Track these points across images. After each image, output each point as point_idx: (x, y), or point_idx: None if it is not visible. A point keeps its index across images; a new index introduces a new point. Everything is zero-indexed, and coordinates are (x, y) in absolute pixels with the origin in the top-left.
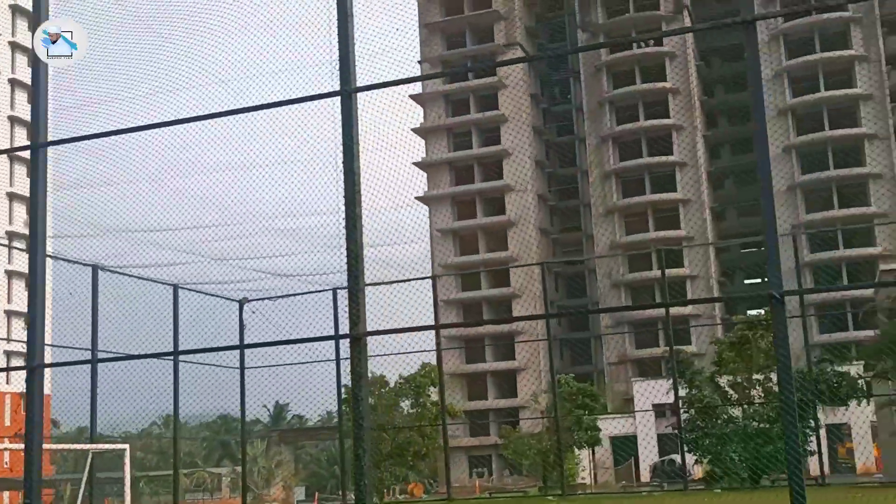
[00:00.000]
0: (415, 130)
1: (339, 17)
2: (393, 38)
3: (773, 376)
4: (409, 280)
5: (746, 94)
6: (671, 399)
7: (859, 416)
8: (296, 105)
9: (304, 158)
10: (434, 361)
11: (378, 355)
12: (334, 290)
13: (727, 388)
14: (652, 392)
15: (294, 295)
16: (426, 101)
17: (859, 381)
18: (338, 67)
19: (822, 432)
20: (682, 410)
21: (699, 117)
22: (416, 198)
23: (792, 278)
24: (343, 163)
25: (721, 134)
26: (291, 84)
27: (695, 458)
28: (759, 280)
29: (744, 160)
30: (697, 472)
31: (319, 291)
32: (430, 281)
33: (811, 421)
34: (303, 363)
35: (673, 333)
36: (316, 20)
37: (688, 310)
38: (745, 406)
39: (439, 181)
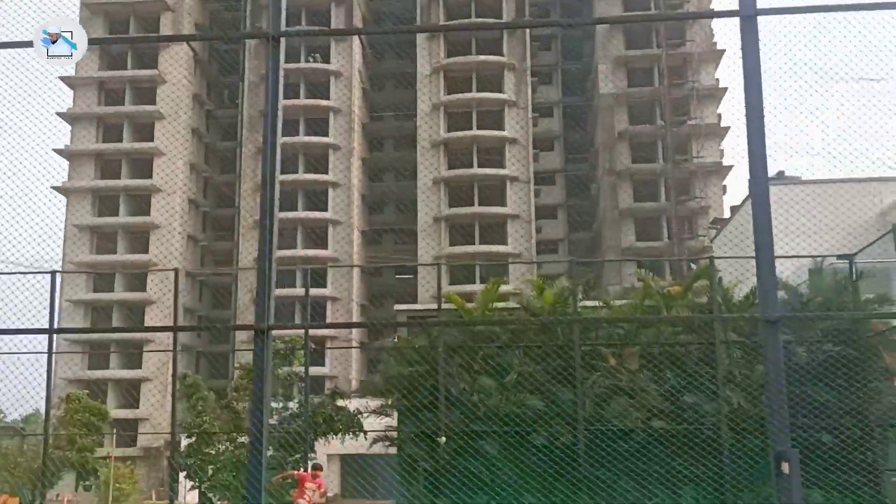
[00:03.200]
0: (60, 115)
1: None
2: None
3: (291, 405)
4: (32, 273)
5: (412, 122)
6: None
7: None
8: None
9: None
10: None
11: None
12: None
13: (244, 415)
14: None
15: None
16: (78, 85)
17: (356, 416)
18: None
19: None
20: (184, 436)
21: (357, 139)
22: (53, 187)
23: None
24: None
25: (383, 159)
26: None
27: (191, 483)
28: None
29: (403, 185)
30: (195, 497)
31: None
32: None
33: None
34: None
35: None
36: None
37: (325, 330)
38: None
39: (83, 173)
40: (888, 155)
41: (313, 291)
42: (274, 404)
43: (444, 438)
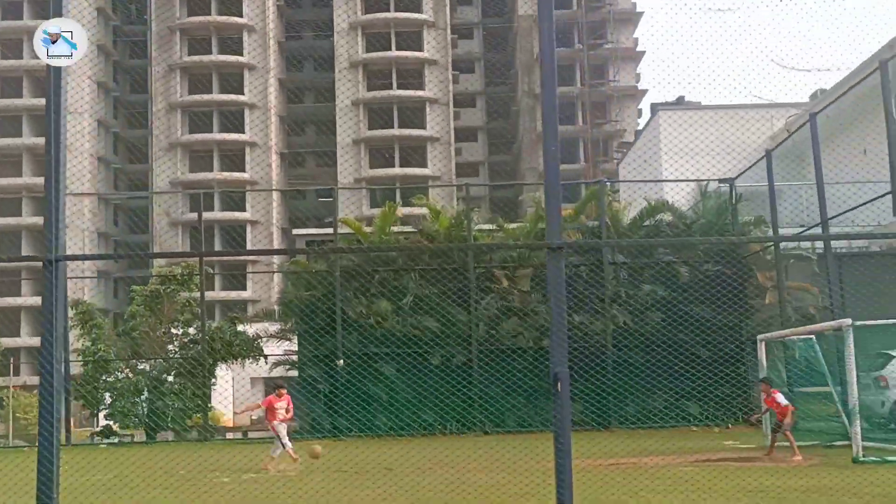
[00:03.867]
0: None
1: None
2: None
3: (191, 330)
4: None
5: (331, 41)
6: None
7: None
8: None
9: None
10: None
11: None
12: None
13: (141, 341)
14: None
15: None
16: None
17: (256, 341)
18: None
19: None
20: (80, 363)
21: (274, 58)
22: None
23: None
24: None
25: (302, 78)
26: None
27: (90, 411)
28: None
29: (323, 107)
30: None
31: None
32: None
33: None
34: None
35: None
36: None
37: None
38: (161, 359)
39: None
40: (750, 82)
41: (234, 215)
42: (174, 330)
43: (342, 361)
